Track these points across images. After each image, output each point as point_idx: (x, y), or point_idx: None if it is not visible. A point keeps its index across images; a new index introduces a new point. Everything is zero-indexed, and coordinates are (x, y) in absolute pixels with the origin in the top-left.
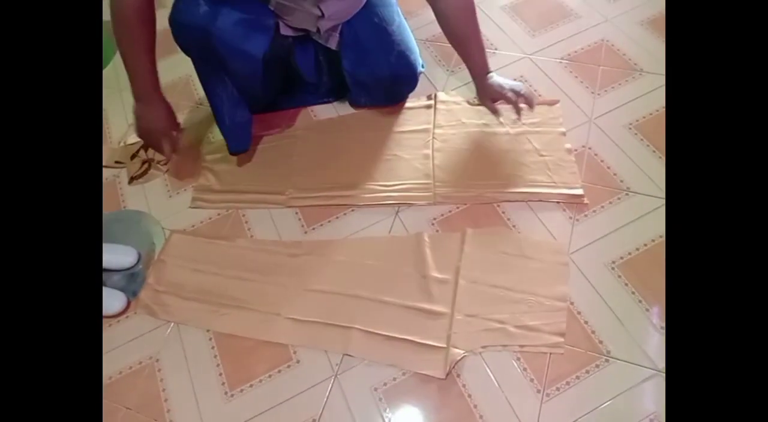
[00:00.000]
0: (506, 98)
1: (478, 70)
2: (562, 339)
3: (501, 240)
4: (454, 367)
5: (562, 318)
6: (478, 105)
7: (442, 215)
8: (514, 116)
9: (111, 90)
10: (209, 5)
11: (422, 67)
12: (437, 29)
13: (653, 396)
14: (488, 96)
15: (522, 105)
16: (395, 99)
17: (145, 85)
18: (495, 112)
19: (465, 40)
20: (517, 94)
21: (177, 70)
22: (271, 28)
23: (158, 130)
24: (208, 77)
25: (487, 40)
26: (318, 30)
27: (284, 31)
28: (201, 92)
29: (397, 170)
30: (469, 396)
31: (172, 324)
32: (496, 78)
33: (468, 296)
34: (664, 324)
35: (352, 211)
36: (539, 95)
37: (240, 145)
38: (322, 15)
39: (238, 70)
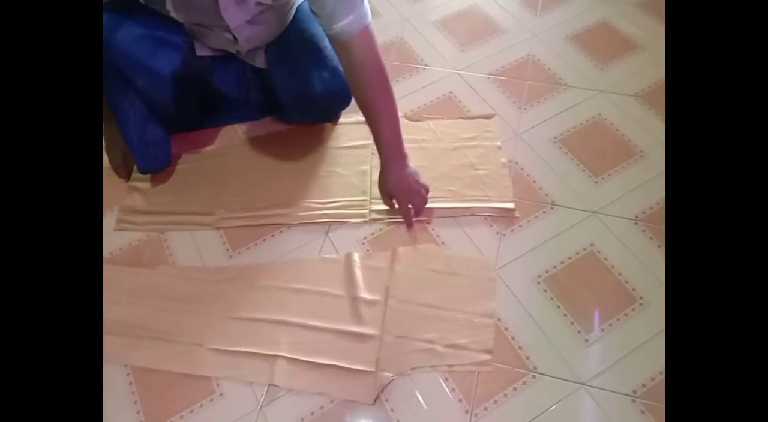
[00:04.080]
0: (399, 203)
1: (385, 153)
2: (489, 357)
3: (430, 257)
4: (383, 391)
5: (490, 335)
6: (417, 120)
7: (373, 234)
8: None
9: None
10: (112, 17)
11: None
12: None
13: (578, 410)
14: (385, 190)
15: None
16: (328, 116)
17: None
18: (390, 207)
19: (373, 111)
20: (414, 203)
21: None
22: (181, 46)
23: (118, 150)
24: (113, 92)
25: (417, 56)
26: (238, 52)
27: (201, 51)
28: None
29: (333, 187)
30: (398, 421)
31: None
32: (405, 172)
33: (397, 316)
34: (600, 329)
35: (280, 232)
36: (468, 111)
37: (151, 165)
38: (236, 40)
39: (145, 88)
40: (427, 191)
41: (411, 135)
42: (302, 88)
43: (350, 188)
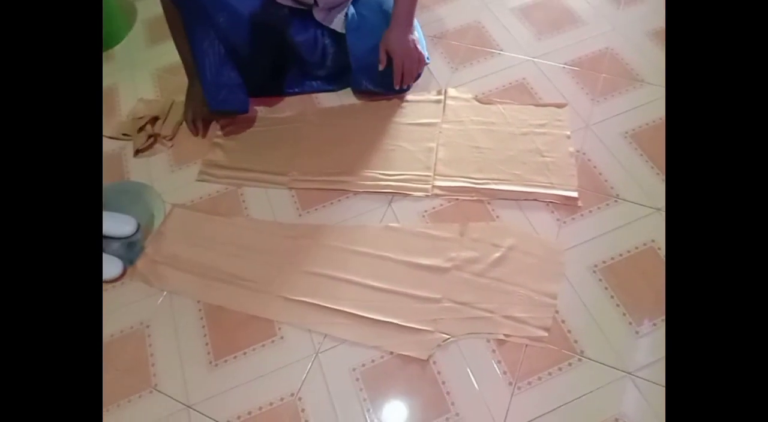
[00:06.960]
0: (394, 61)
1: (398, 14)
2: (545, 334)
3: (501, 233)
4: (434, 353)
5: (549, 314)
6: (488, 103)
7: (434, 208)
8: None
9: (122, 65)
10: None
11: (427, 59)
12: (445, 27)
13: (621, 397)
14: (386, 45)
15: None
16: (397, 89)
17: (188, 68)
18: (382, 61)
19: None
20: (407, 65)
21: None
22: None
23: (196, 107)
24: (195, 31)
25: (493, 40)
26: (316, 2)
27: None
28: None
29: (398, 160)
30: (443, 383)
31: (165, 293)
32: (408, 36)
33: (459, 284)
34: (652, 323)
35: (347, 197)
36: (540, 98)
37: (220, 105)
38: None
39: (224, 25)
40: (421, 60)
41: (479, 117)
42: (373, 56)
43: (415, 162)
